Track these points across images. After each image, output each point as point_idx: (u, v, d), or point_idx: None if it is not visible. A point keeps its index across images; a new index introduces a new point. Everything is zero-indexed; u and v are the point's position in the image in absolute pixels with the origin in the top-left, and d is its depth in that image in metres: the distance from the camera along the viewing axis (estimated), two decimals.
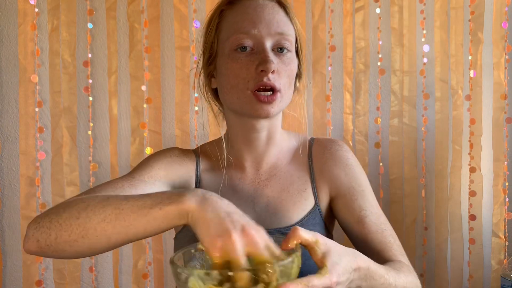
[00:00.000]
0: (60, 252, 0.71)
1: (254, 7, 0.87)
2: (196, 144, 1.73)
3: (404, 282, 0.81)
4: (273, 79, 0.85)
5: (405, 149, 1.79)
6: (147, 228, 0.67)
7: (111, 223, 0.67)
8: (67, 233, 0.69)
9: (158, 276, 1.73)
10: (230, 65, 0.87)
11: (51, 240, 0.70)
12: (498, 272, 1.75)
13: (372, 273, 0.72)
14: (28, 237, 0.72)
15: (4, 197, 1.70)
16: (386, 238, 0.91)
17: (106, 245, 0.70)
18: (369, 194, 0.96)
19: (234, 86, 0.87)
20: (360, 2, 1.76)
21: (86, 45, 1.71)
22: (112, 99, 1.71)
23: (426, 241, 1.79)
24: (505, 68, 1.74)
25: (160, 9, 1.72)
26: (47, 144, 1.70)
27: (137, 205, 0.67)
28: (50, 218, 0.72)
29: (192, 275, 0.61)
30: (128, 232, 0.68)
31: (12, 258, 1.70)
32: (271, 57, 0.85)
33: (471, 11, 1.74)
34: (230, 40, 0.87)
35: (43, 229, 0.71)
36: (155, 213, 0.66)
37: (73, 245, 0.69)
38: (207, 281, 0.60)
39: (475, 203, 1.77)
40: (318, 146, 1.00)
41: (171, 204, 0.65)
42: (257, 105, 0.85)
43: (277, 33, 0.87)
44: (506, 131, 1.75)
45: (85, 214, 0.69)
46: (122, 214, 0.67)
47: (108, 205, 0.69)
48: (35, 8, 1.67)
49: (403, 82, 1.78)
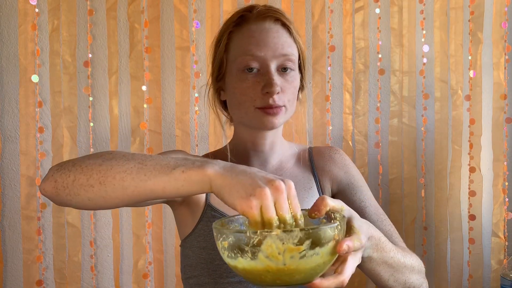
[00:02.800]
0: (73, 195, 0.72)
1: (260, 31, 0.93)
2: (196, 144, 1.73)
3: (411, 259, 0.87)
4: (277, 100, 0.92)
5: (404, 149, 1.79)
6: (166, 187, 0.67)
7: (131, 175, 0.68)
8: (86, 177, 0.70)
9: (158, 276, 1.74)
10: (238, 84, 0.94)
11: (69, 181, 0.71)
12: (497, 272, 1.75)
13: (382, 244, 0.77)
14: (47, 177, 0.74)
15: (4, 197, 1.70)
16: (386, 226, 0.98)
17: (120, 196, 0.70)
18: (366, 190, 1.04)
19: (241, 103, 0.94)
20: (360, 2, 1.76)
21: (87, 45, 1.71)
22: (113, 99, 1.72)
23: (425, 241, 1.80)
24: (505, 68, 1.75)
25: (160, 9, 1.72)
26: (47, 144, 1.70)
27: (160, 164, 0.68)
28: (73, 162, 0.73)
29: (269, 236, 0.59)
30: (146, 187, 0.68)
31: (12, 258, 1.70)
32: (275, 79, 0.91)
33: (471, 11, 1.75)
34: (237, 61, 0.94)
35: (64, 171, 0.72)
36: (177, 174, 0.66)
37: (88, 190, 0.70)
38: (287, 240, 0.59)
39: (475, 203, 1.77)
40: (318, 152, 1.09)
41: (193, 169, 0.66)
42: (263, 118, 0.92)
43: (281, 55, 0.93)
44: (505, 131, 1.76)
45: (108, 163, 0.70)
46: (144, 168, 0.68)
47: (132, 159, 0.70)
48: (36, 8, 1.67)
49: (402, 82, 1.78)
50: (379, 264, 0.78)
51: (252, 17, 0.95)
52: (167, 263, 1.74)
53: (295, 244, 0.60)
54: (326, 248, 0.62)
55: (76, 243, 1.70)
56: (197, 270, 0.95)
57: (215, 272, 0.92)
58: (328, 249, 0.62)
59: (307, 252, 0.60)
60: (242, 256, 0.62)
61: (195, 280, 0.95)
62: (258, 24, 0.94)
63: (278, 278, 0.61)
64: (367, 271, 0.79)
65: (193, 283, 0.95)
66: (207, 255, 0.93)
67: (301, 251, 0.60)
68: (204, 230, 0.95)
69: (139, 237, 1.72)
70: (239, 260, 0.62)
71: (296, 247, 0.60)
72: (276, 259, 0.60)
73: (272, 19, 0.94)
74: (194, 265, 0.95)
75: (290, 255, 0.60)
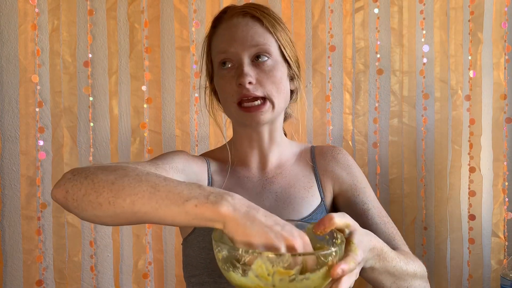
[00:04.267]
0: (81, 209, 0.71)
1: (230, 27, 0.96)
2: (196, 144, 1.73)
3: (413, 266, 0.87)
4: (253, 90, 0.92)
5: (404, 149, 1.79)
6: (175, 218, 0.65)
7: (142, 200, 0.66)
8: (96, 194, 0.69)
9: (158, 276, 1.74)
10: (219, 81, 0.97)
11: (79, 195, 0.70)
12: (497, 272, 1.75)
13: (385, 254, 0.77)
14: (59, 184, 0.73)
15: (4, 197, 1.70)
16: (389, 229, 0.97)
17: (128, 218, 0.68)
18: (369, 191, 1.03)
19: (225, 100, 0.97)
20: (360, 2, 1.76)
21: (87, 45, 1.71)
22: (113, 99, 1.72)
23: (425, 241, 1.80)
24: (505, 68, 1.75)
25: (160, 9, 1.72)
26: (47, 144, 1.70)
27: (173, 192, 0.66)
28: (86, 174, 0.72)
29: (260, 257, 0.59)
30: (155, 215, 0.66)
31: (12, 258, 1.70)
32: (246, 70, 0.91)
33: (471, 11, 1.75)
34: (215, 60, 0.98)
35: (76, 182, 0.71)
36: (189, 207, 0.64)
37: (96, 208, 0.69)
38: (277, 263, 0.59)
39: (475, 203, 1.77)
40: (320, 151, 1.08)
41: (207, 205, 0.63)
42: (245, 116, 0.93)
43: (252, 45, 0.94)
44: (505, 131, 1.76)
45: (120, 182, 0.68)
46: (156, 195, 0.66)
47: (145, 181, 0.68)
48: (36, 8, 1.67)
49: (402, 82, 1.78)
50: (381, 273, 0.78)
51: (225, 17, 0.98)
52: (167, 263, 1.74)
53: (285, 268, 0.59)
54: (318, 273, 0.61)
55: (76, 243, 1.70)
56: (198, 269, 0.95)
57: (214, 272, 0.92)
58: (320, 274, 0.62)
59: (297, 277, 0.60)
60: (234, 271, 0.62)
61: (196, 279, 0.96)
62: (228, 22, 0.97)
63: None
64: (369, 280, 0.80)
65: (195, 281, 0.96)
66: (207, 255, 0.94)
67: (291, 275, 0.60)
68: (204, 230, 0.95)
69: (139, 237, 1.72)
70: (231, 273, 0.62)
71: (285, 270, 0.59)
72: (265, 279, 0.60)
73: (240, 14, 0.96)
74: (195, 264, 0.96)
75: (279, 278, 0.59)
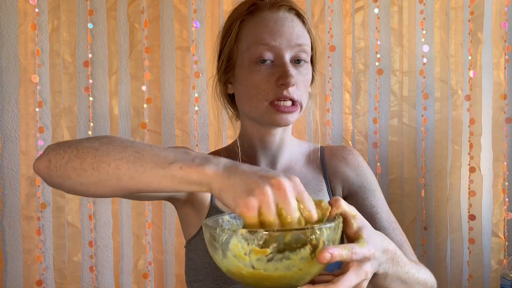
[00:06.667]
0: (65, 178, 0.68)
1: (275, 20, 0.89)
2: (196, 144, 1.73)
3: (424, 275, 0.82)
4: (292, 92, 0.87)
5: (404, 149, 1.79)
6: (161, 182, 0.63)
7: (127, 164, 0.64)
8: (80, 160, 0.67)
9: (158, 276, 1.74)
10: (250, 76, 0.88)
11: (62, 162, 0.68)
12: (497, 272, 1.75)
13: (398, 258, 0.71)
14: (42, 156, 0.71)
15: (4, 197, 1.70)
16: (397, 236, 0.93)
17: (113, 185, 0.66)
18: (379, 194, 0.98)
19: (253, 96, 0.89)
20: (360, 2, 1.76)
21: (87, 45, 1.71)
22: (113, 99, 1.72)
23: (425, 241, 1.80)
24: (505, 68, 1.75)
25: (160, 9, 1.72)
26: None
27: (158, 156, 0.63)
28: (70, 143, 0.70)
29: (235, 235, 0.55)
30: (141, 179, 0.64)
31: (12, 258, 1.70)
32: (291, 71, 0.86)
33: (471, 11, 1.75)
34: (250, 51, 0.88)
35: (59, 151, 0.69)
36: (174, 170, 0.61)
37: (80, 174, 0.67)
38: (252, 241, 0.55)
39: (475, 203, 1.77)
40: (330, 151, 1.03)
41: (192, 167, 0.61)
42: (276, 115, 0.87)
43: (296, 45, 0.89)
44: (505, 131, 1.76)
45: (105, 148, 0.66)
46: (141, 159, 0.64)
47: (130, 147, 0.66)
48: (36, 8, 1.67)
49: (402, 82, 1.78)
50: (394, 280, 0.72)
51: (266, 6, 0.90)
52: (167, 263, 1.74)
53: (261, 247, 0.55)
54: (300, 253, 0.56)
55: (76, 243, 1.70)
56: (201, 274, 0.91)
57: (220, 278, 0.89)
58: (303, 255, 0.56)
59: (275, 256, 0.55)
60: (216, 253, 0.59)
61: (200, 284, 0.92)
62: (272, 12, 0.89)
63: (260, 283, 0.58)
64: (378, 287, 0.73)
65: (197, 287, 0.92)
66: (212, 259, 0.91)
67: (267, 254, 0.55)
68: None
69: (139, 237, 1.72)
70: (215, 257, 0.60)
71: (261, 249, 0.55)
72: (243, 259, 0.56)
73: (287, 8, 0.90)
74: (198, 269, 0.92)
75: (256, 257, 0.55)
